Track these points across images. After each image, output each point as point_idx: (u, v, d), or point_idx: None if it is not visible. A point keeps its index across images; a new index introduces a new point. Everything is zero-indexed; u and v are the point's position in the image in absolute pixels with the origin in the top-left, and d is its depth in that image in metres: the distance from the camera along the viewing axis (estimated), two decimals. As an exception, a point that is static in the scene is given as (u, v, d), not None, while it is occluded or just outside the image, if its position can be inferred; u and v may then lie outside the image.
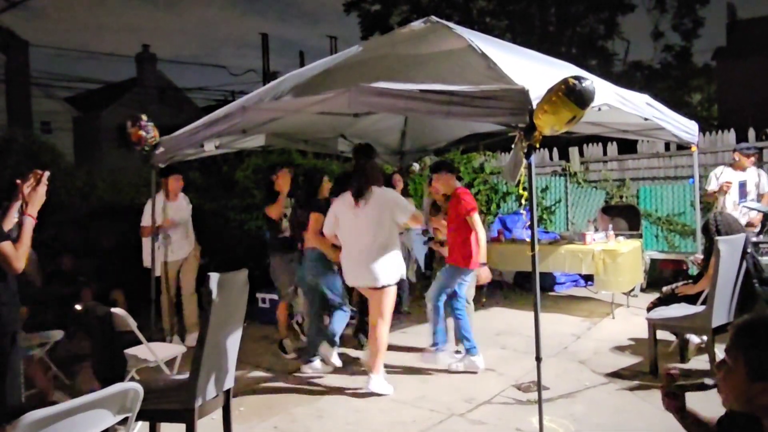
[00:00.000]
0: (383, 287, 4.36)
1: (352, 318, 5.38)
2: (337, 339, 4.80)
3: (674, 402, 1.70)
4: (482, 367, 4.73)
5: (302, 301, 5.69)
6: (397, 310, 6.81)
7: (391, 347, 5.50)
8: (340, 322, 4.85)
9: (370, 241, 4.32)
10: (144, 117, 5.00)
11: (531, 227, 3.41)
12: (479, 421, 3.87)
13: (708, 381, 1.66)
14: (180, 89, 26.97)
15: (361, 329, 5.60)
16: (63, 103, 24.57)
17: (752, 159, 6.42)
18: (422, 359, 4.94)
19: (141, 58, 26.40)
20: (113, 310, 3.54)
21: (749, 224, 6.10)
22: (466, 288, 4.91)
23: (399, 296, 6.87)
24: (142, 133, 4.92)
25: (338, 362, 4.81)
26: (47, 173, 2.88)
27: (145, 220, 5.71)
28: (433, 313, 4.87)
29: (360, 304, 5.58)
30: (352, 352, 5.41)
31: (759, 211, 6.06)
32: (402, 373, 4.83)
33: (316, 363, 4.85)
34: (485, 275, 4.84)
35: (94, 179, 8.26)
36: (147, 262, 5.63)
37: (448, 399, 4.24)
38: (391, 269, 4.37)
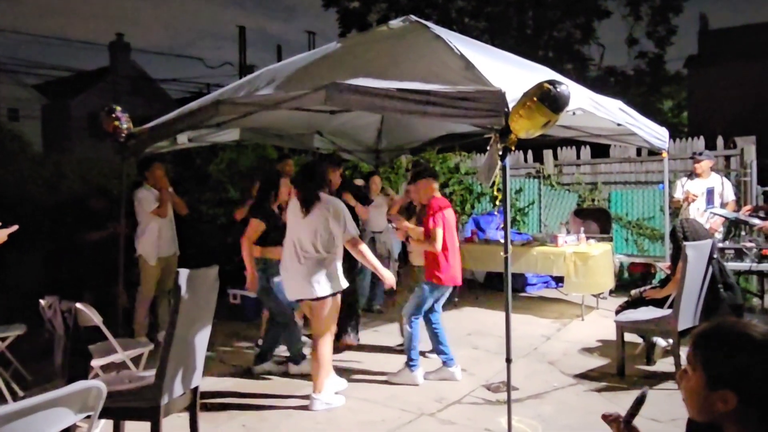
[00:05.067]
0: (319, 299, 4.07)
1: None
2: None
3: None
4: (459, 378, 4.60)
5: None
6: (369, 309, 6.83)
7: (363, 346, 5.51)
8: (286, 339, 4.79)
9: (311, 251, 4.05)
10: (118, 108, 4.90)
11: (504, 229, 3.43)
12: (449, 421, 3.89)
13: (645, 390, 1.65)
14: (154, 80, 26.56)
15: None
16: (31, 91, 24.00)
17: (702, 165, 6.49)
18: (395, 378, 4.60)
19: (114, 47, 25.93)
20: (77, 305, 3.45)
21: (711, 229, 6.23)
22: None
23: (374, 293, 6.90)
24: (117, 123, 4.81)
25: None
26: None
27: (148, 206, 5.58)
28: (409, 330, 4.58)
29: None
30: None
31: (725, 217, 6.19)
32: (373, 373, 4.81)
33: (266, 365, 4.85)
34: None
35: (63, 169, 8.05)
36: (145, 250, 5.59)
37: (419, 399, 4.24)
38: (327, 280, 4.06)
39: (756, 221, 5.88)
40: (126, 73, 25.12)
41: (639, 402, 1.63)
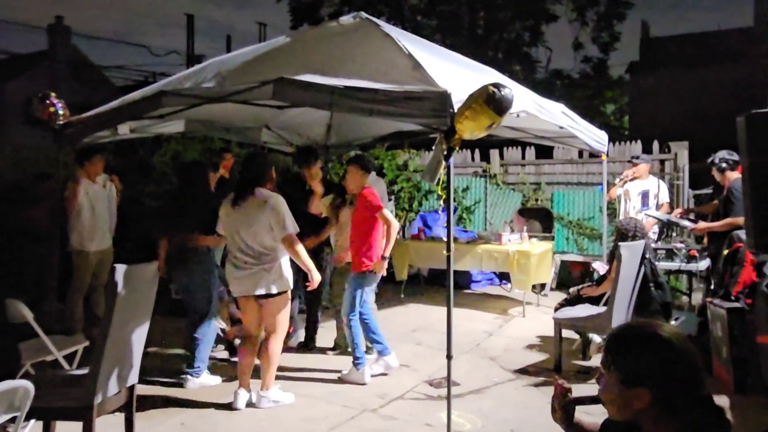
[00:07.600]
0: (273, 296, 3.97)
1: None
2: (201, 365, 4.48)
3: (565, 416, 1.73)
4: (396, 365, 4.72)
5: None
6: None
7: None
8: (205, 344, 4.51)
9: (252, 248, 3.94)
10: (53, 94, 4.69)
11: (447, 227, 3.49)
12: (390, 416, 3.93)
13: None
14: (96, 66, 25.52)
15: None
16: (-38, 73, 22.66)
17: (640, 168, 6.75)
18: (346, 377, 4.58)
19: (53, 30, 24.71)
20: (7, 300, 3.30)
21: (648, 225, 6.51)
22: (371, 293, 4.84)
23: (321, 290, 6.87)
24: (53, 110, 4.60)
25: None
26: None
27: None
28: (349, 329, 4.59)
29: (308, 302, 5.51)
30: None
31: (658, 219, 6.47)
32: (316, 369, 4.81)
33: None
34: (381, 269, 4.63)
35: (-6, 156, 7.65)
36: (77, 243, 5.42)
37: (361, 395, 4.27)
38: (272, 278, 3.96)
39: (686, 223, 6.18)
40: (66, 58, 24.01)
41: (594, 399, 1.63)
